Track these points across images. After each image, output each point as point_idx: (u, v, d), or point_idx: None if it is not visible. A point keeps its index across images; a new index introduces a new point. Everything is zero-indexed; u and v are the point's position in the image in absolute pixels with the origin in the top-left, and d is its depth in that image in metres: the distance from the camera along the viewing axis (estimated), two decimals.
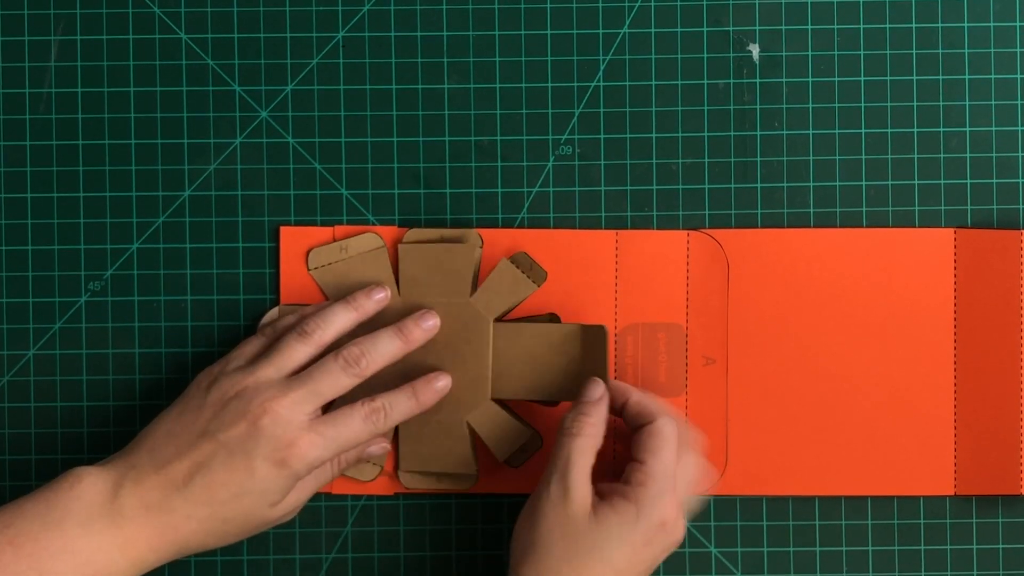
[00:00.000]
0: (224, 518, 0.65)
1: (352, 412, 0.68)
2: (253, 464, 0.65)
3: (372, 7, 0.75)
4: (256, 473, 0.65)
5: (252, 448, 0.65)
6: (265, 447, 0.65)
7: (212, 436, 0.65)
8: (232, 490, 0.65)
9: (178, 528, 0.65)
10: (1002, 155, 0.75)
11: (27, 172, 0.75)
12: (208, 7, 0.75)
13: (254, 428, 0.65)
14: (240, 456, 0.65)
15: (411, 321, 0.71)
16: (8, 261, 0.75)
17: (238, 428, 0.65)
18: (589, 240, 0.74)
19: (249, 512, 0.66)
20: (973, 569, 0.74)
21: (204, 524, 0.65)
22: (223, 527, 0.66)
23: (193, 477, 0.65)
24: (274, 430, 0.65)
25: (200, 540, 0.66)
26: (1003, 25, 0.75)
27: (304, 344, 0.69)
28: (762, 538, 0.75)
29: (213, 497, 0.65)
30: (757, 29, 0.75)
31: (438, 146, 0.75)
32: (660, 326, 0.74)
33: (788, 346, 0.74)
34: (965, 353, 0.74)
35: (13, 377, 0.74)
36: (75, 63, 0.75)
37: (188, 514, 0.65)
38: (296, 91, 0.75)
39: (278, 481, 0.66)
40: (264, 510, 0.66)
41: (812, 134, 0.75)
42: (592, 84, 0.75)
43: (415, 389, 0.70)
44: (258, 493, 0.66)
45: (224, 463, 0.65)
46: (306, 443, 0.66)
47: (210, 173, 0.75)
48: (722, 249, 0.74)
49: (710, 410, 0.74)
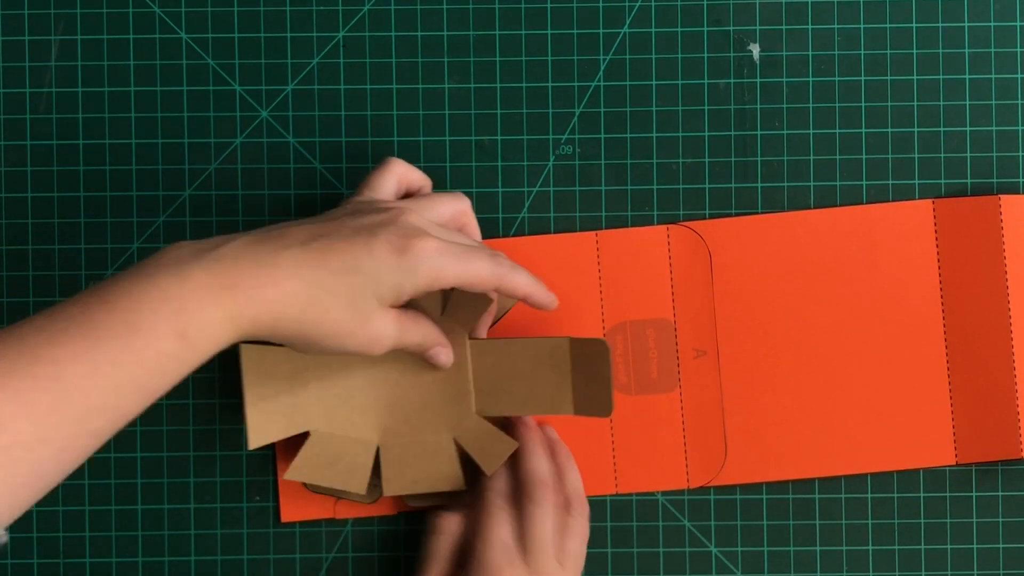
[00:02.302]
0: (330, 289, 0.60)
1: (477, 248, 0.65)
2: (374, 242, 0.61)
3: (372, 7, 0.75)
4: (375, 251, 0.61)
5: (379, 229, 0.62)
6: (393, 232, 0.62)
7: (344, 221, 0.62)
8: (347, 261, 0.61)
9: (279, 282, 0.60)
10: (1002, 155, 0.75)
11: (27, 172, 0.75)
12: (208, 7, 0.75)
13: (389, 218, 0.63)
14: (365, 234, 0.62)
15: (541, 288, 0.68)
16: (8, 261, 0.75)
17: (371, 217, 0.63)
18: (569, 243, 0.74)
19: (357, 294, 0.61)
20: (973, 542, 0.74)
21: (308, 288, 0.60)
22: (326, 300, 0.61)
23: (310, 243, 0.61)
24: (407, 220, 0.63)
25: (299, 309, 0.60)
26: (1003, 25, 0.75)
27: (485, 257, 0.65)
28: (762, 538, 0.75)
29: (324, 263, 0.60)
30: (758, 29, 0.75)
31: (438, 146, 0.75)
32: (648, 323, 0.74)
33: (777, 331, 0.74)
34: (954, 322, 0.74)
35: None
36: (75, 63, 0.75)
37: (294, 270, 0.60)
38: (296, 91, 0.75)
39: (393, 271, 0.61)
40: (362, 306, 0.62)
41: (812, 134, 0.75)
42: (592, 84, 0.75)
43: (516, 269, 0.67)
44: (370, 274, 0.61)
45: (347, 237, 0.61)
46: (433, 243, 0.62)
47: (210, 173, 0.75)
48: (703, 240, 0.74)
49: (704, 402, 0.74)
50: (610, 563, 0.75)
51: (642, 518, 0.75)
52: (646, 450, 0.74)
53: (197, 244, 0.61)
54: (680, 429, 0.74)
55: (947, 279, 0.74)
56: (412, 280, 0.62)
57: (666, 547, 0.75)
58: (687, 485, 0.74)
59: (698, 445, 0.74)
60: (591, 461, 0.74)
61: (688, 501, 0.75)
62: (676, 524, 0.75)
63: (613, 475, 0.74)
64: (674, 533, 0.75)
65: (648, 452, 0.74)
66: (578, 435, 0.74)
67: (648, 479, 0.74)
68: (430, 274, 0.62)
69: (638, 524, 0.75)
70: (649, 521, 0.75)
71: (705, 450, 0.74)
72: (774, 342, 0.74)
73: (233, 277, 0.59)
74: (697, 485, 0.74)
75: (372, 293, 0.62)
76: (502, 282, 0.66)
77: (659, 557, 0.75)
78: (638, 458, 0.74)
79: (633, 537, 0.75)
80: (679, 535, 0.75)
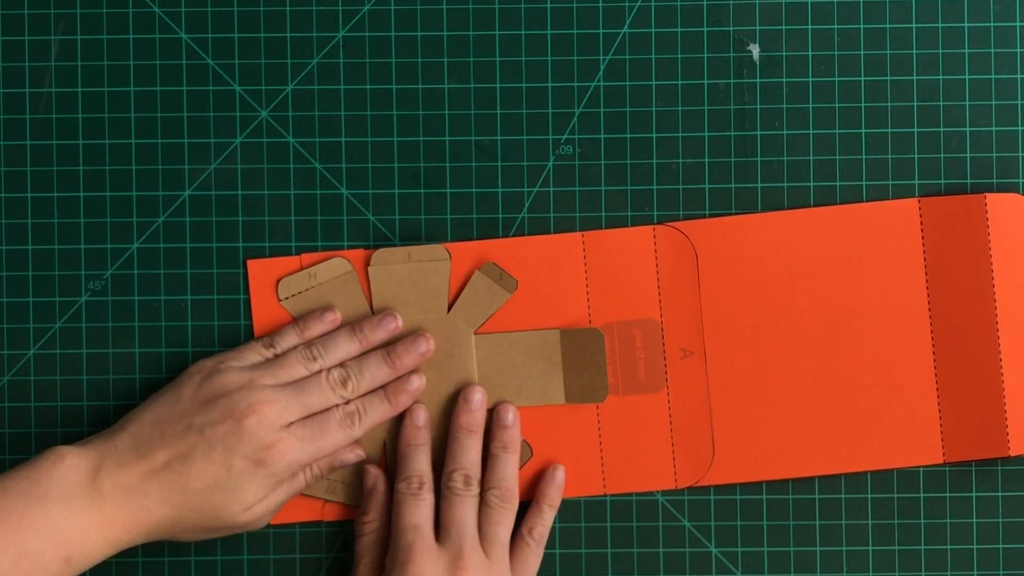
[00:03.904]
0: (195, 508, 0.67)
1: (328, 416, 0.70)
2: (232, 460, 0.67)
3: (372, 7, 0.75)
4: (233, 469, 0.67)
5: (234, 444, 0.67)
6: (246, 445, 0.67)
7: (198, 429, 0.67)
8: (207, 481, 0.67)
9: (151, 511, 0.66)
10: (1002, 155, 0.75)
11: (27, 172, 0.75)
12: (208, 7, 0.75)
13: (239, 426, 0.67)
14: (220, 450, 0.67)
15: (401, 347, 0.72)
16: (8, 261, 0.75)
17: (224, 425, 0.67)
18: (557, 244, 0.74)
19: (220, 507, 0.67)
20: (973, 543, 0.74)
21: (176, 511, 0.67)
22: (193, 517, 0.67)
23: (171, 464, 0.67)
24: (257, 430, 0.67)
25: (169, 527, 0.67)
26: (1003, 25, 0.75)
27: (306, 367, 0.71)
28: (762, 538, 0.75)
29: (188, 486, 0.66)
30: (757, 29, 0.75)
31: (438, 146, 0.75)
32: (635, 323, 0.74)
33: (764, 331, 0.74)
34: (940, 320, 0.74)
35: (13, 377, 0.74)
36: (75, 63, 0.75)
37: (162, 499, 0.66)
38: (296, 91, 0.75)
39: (253, 481, 0.67)
40: (235, 508, 0.68)
41: (812, 134, 0.75)
42: (592, 84, 0.75)
43: (388, 393, 0.72)
44: (232, 489, 0.67)
45: (204, 455, 0.67)
46: (285, 445, 0.68)
47: (210, 173, 0.75)
48: (689, 240, 0.74)
49: (692, 402, 0.74)
50: (610, 563, 0.75)
51: (642, 518, 0.75)
52: (634, 450, 0.74)
53: (78, 462, 0.66)
54: (668, 429, 0.74)
55: (933, 278, 0.74)
56: (273, 480, 0.68)
57: (666, 547, 0.75)
58: (675, 485, 0.74)
59: (686, 445, 0.74)
60: (579, 461, 0.74)
61: (688, 501, 0.75)
62: (676, 524, 0.75)
63: (601, 475, 0.74)
64: (674, 533, 0.75)
65: (636, 452, 0.74)
66: (566, 435, 0.74)
67: (636, 479, 0.74)
68: (289, 470, 0.69)
69: (638, 524, 0.75)
70: (649, 521, 0.75)
71: (693, 450, 0.74)
72: (761, 342, 0.74)
73: (112, 511, 0.66)
74: (685, 485, 0.74)
75: (236, 501, 0.68)
76: (353, 437, 0.70)
77: (659, 557, 0.75)
78: (626, 458, 0.74)
79: (633, 537, 0.75)
80: (679, 535, 0.75)
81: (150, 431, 0.68)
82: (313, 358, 0.71)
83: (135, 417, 0.68)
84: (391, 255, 0.73)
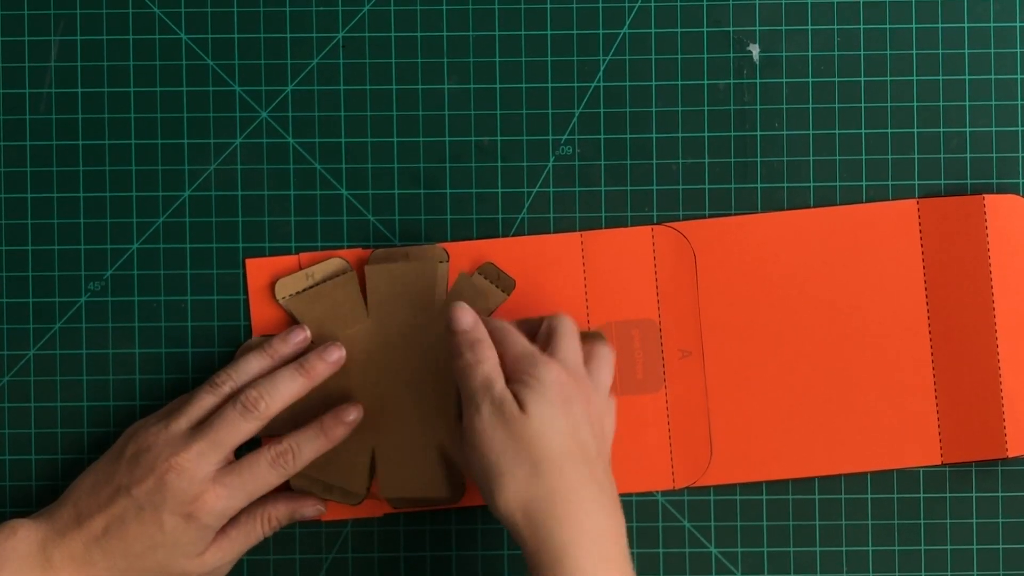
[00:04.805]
0: (143, 569, 0.68)
1: (258, 458, 0.69)
2: (161, 518, 0.67)
3: (372, 7, 0.75)
4: (165, 527, 0.67)
5: (160, 503, 0.67)
6: (172, 501, 0.67)
7: (126, 491, 0.67)
8: (145, 543, 0.67)
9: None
10: (1002, 155, 0.75)
11: (27, 172, 0.75)
12: (208, 7, 0.75)
13: (161, 483, 0.67)
14: (149, 511, 0.67)
15: (314, 355, 0.71)
16: (8, 261, 0.75)
17: (147, 483, 0.67)
18: (555, 244, 0.74)
19: (169, 564, 0.68)
20: (973, 543, 0.74)
21: (123, 574, 0.67)
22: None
23: (109, 531, 0.67)
24: (179, 484, 0.67)
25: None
26: (1003, 25, 0.75)
27: (214, 394, 0.70)
28: (762, 538, 0.75)
29: (128, 550, 0.67)
30: (757, 29, 0.75)
31: (438, 146, 0.75)
32: (633, 323, 0.74)
33: (763, 332, 0.74)
34: (939, 321, 0.74)
35: (13, 377, 0.74)
36: (75, 63, 0.75)
37: (109, 567, 0.67)
38: (296, 91, 0.75)
39: (188, 534, 0.67)
40: (181, 562, 0.68)
41: (812, 134, 0.75)
42: (592, 84, 0.75)
43: (323, 425, 0.70)
44: (170, 546, 0.67)
45: (136, 517, 0.67)
46: (212, 496, 0.67)
47: (210, 173, 0.75)
48: (687, 241, 0.74)
49: (690, 402, 0.74)
50: None
51: (642, 518, 0.75)
52: (632, 450, 0.74)
53: (29, 534, 0.67)
54: (665, 429, 0.74)
55: (932, 279, 0.74)
56: (209, 531, 0.68)
57: (666, 548, 0.75)
58: (672, 485, 0.74)
59: (684, 445, 0.74)
60: None
61: (688, 502, 0.75)
62: (676, 525, 0.75)
63: None
64: (674, 533, 0.75)
65: (634, 452, 0.74)
66: None
67: (634, 479, 0.74)
68: (223, 519, 0.68)
69: (638, 524, 0.75)
70: (649, 521, 0.75)
71: (691, 450, 0.74)
72: (759, 342, 0.74)
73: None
74: (682, 485, 0.74)
75: (180, 555, 0.68)
76: (288, 475, 0.69)
77: (659, 558, 0.75)
78: (624, 458, 0.74)
79: (633, 537, 0.75)
80: (679, 535, 0.75)
81: (87, 499, 0.68)
82: (220, 383, 0.70)
83: (76, 485, 0.69)
84: (389, 254, 0.73)
